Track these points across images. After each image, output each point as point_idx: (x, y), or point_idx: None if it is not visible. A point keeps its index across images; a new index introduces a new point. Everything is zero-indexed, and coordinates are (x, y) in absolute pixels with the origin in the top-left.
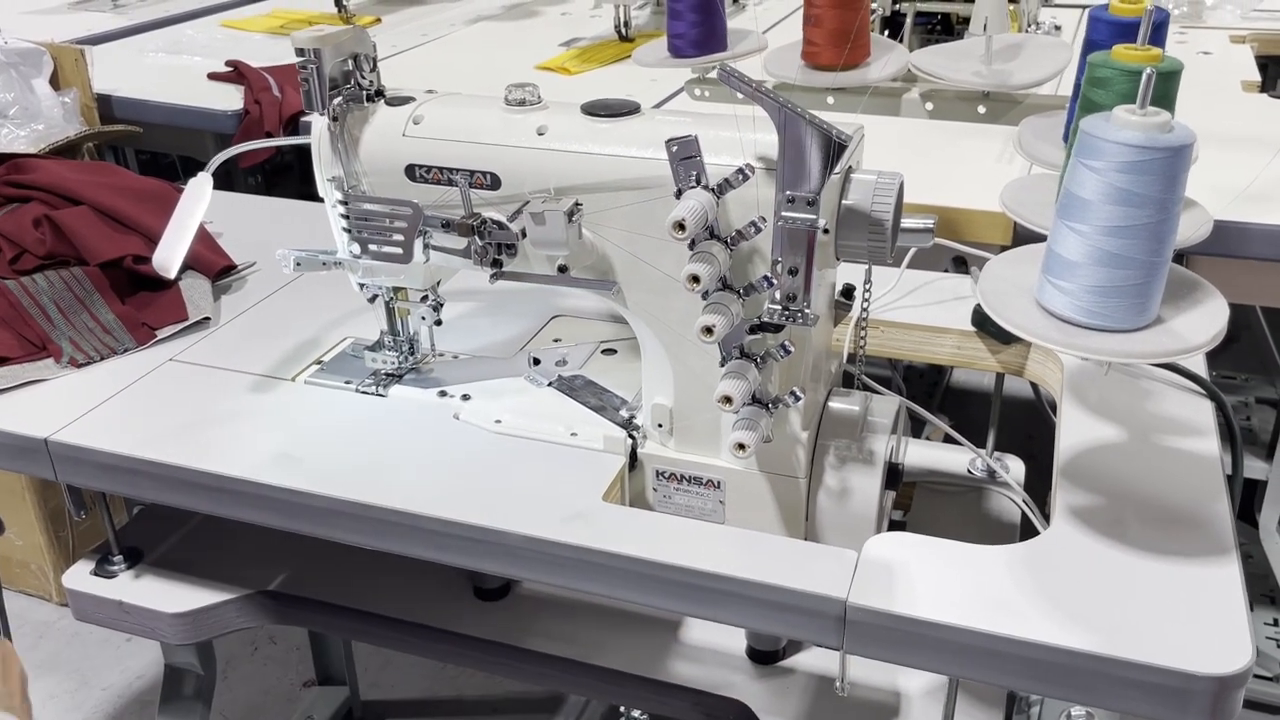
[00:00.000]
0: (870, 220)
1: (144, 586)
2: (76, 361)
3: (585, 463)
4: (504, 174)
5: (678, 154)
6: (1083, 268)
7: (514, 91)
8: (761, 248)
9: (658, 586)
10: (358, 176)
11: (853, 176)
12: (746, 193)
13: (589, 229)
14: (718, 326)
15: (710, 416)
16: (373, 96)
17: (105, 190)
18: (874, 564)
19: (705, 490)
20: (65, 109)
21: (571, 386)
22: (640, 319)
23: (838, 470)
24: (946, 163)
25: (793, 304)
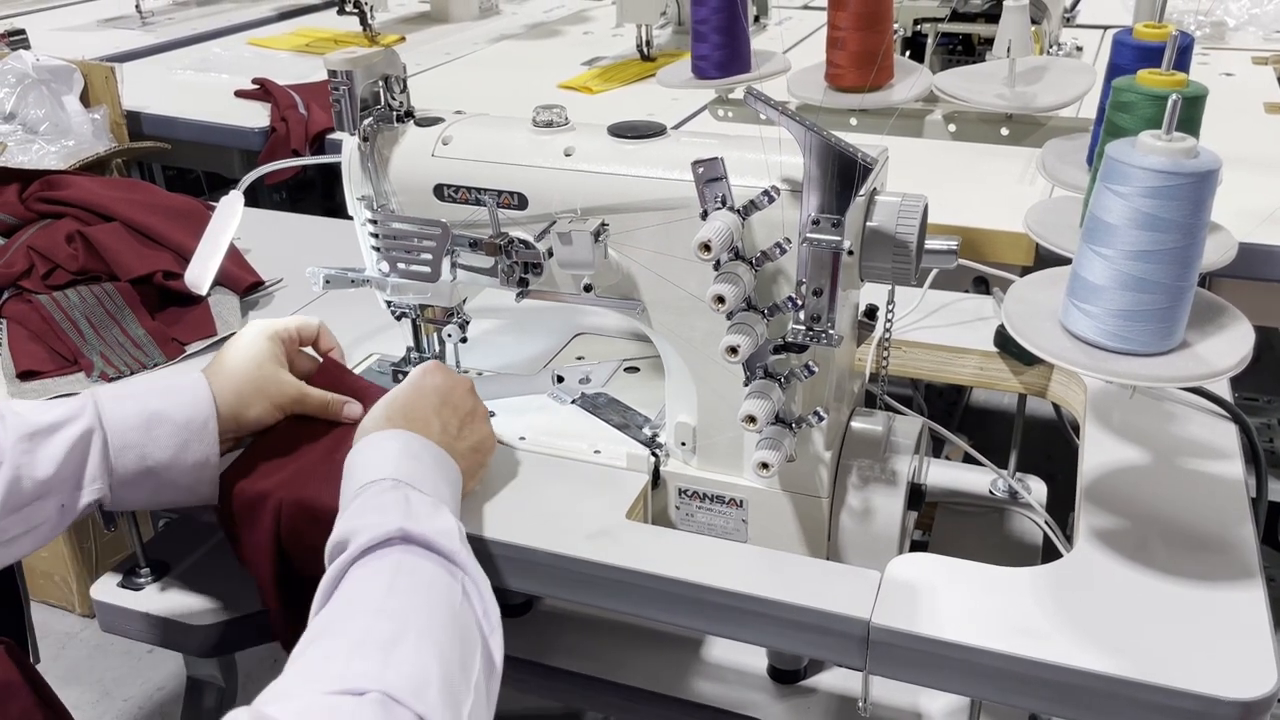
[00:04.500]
0: (895, 242)
1: (170, 599)
2: (107, 375)
3: (608, 480)
4: (531, 194)
5: (703, 175)
6: (1108, 291)
7: (542, 113)
8: (786, 268)
9: (681, 605)
10: (387, 196)
11: (877, 198)
12: (771, 214)
13: (615, 249)
14: (742, 346)
15: (733, 435)
16: (402, 117)
17: (136, 207)
18: (897, 584)
19: (728, 509)
20: (95, 125)
21: (595, 404)
22: (664, 338)
23: (860, 490)
24: (969, 184)
25: (817, 325)
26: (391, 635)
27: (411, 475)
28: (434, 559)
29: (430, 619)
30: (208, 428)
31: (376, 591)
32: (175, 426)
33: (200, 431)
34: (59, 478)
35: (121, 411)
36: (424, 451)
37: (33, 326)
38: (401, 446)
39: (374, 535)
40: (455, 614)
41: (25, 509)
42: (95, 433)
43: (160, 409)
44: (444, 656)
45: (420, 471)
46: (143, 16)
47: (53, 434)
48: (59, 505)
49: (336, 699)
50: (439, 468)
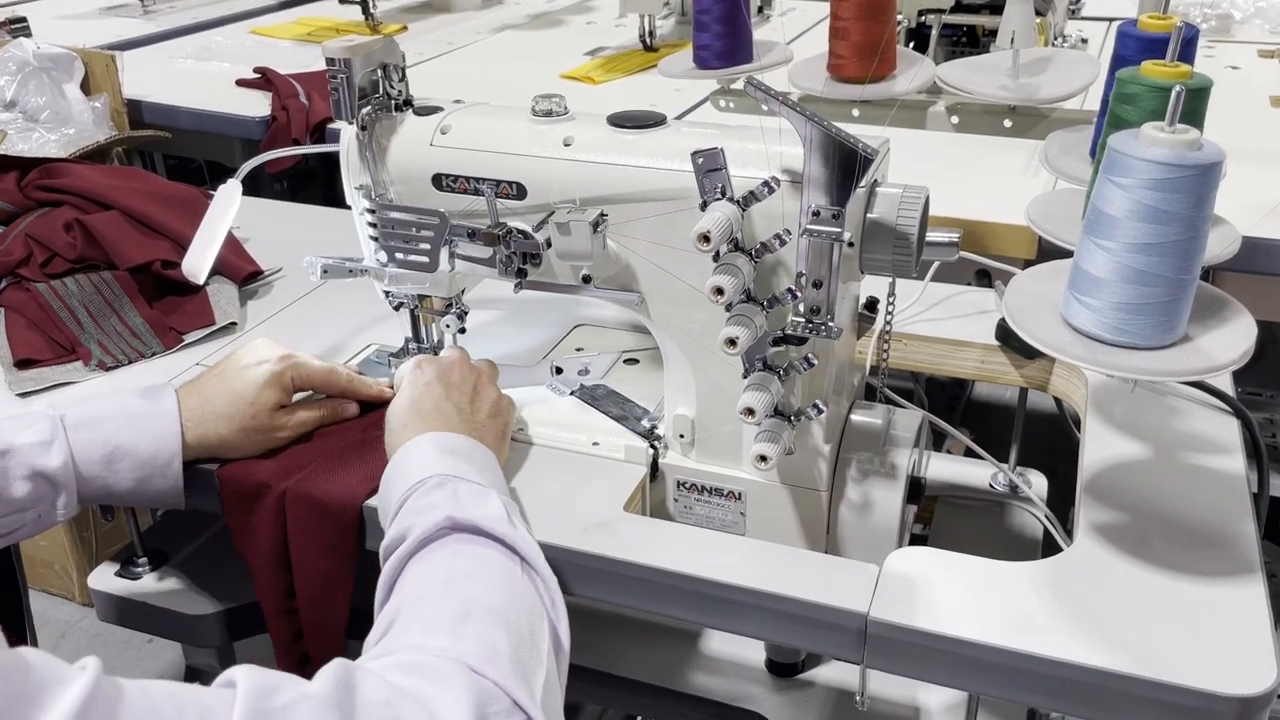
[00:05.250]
0: (895, 234)
1: (167, 588)
2: (105, 365)
3: (607, 472)
4: (530, 184)
5: (703, 166)
6: (1110, 284)
7: (541, 102)
8: (786, 260)
9: (678, 598)
10: (385, 185)
11: (878, 190)
12: (771, 205)
13: (614, 240)
14: (741, 338)
15: (732, 428)
16: (401, 106)
17: (135, 195)
18: (896, 578)
19: (726, 502)
20: (96, 114)
21: (593, 396)
22: (663, 330)
23: (860, 484)
24: (971, 176)
25: (816, 317)
26: (457, 614)
27: (454, 468)
28: (486, 543)
29: (492, 597)
30: (171, 466)
31: (437, 578)
32: (137, 462)
33: (163, 469)
34: (32, 498)
35: (86, 443)
36: (456, 443)
37: (30, 315)
38: (435, 444)
39: (425, 529)
40: (516, 590)
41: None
42: (67, 466)
43: (123, 443)
44: (511, 628)
45: (459, 463)
46: (144, 4)
47: (26, 460)
48: (35, 516)
49: (413, 660)
50: (475, 453)
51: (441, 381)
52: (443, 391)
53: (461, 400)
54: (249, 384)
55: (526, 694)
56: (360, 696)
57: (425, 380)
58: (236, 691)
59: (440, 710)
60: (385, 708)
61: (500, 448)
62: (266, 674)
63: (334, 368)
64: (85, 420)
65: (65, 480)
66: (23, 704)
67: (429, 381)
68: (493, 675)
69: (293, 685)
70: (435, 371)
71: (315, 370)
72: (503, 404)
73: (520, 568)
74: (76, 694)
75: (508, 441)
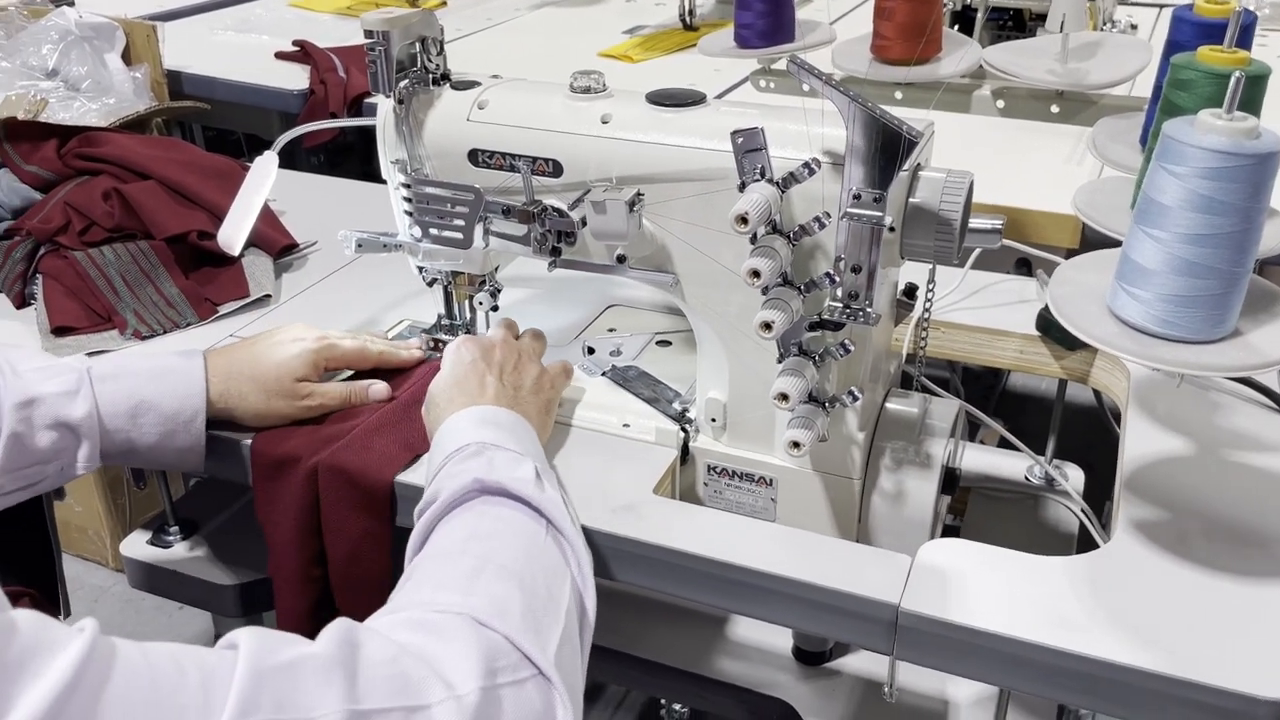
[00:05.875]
0: (938, 219)
1: (198, 557)
2: (140, 334)
3: (636, 455)
4: (566, 161)
5: (743, 146)
6: (1159, 276)
7: (579, 79)
8: (824, 244)
9: (706, 582)
10: (421, 160)
11: (921, 174)
12: (811, 187)
13: (650, 219)
14: (777, 323)
15: (765, 413)
16: (438, 80)
17: (173, 165)
18: (928, 570)
19: (757, 487)
20: (136, 84)
21: (625, 377)
22: (697, 312)
23: (893, 473)
24: (1015, 162)
25: (854, 302)
26: (472, 570)
27: (492, 437)
28: (513, 504)
29: (511, 555)
30: (194, 423)
31: (457, 537)
32: (161, 417)
33: (187, 425)
34: (55, 449)
35: (111, 395)
36: (496, 415)
37: (68, 283)
38: (475, 416)
39: (454, 491)
40: (537, 551)
41: (23, 470)
42: (91, 417)
43: (148, 397)
44: (526, 586)
45: (497, 432)
46: None
47: (51, 409)
48: (58, 468)
49: (420, 616)
50: (514, 425)
51: (485, 359)
52: (485, 369)
53: (504, 377)
54: (279, 352)
55: (537, 648)
56: (364, 655)
57: (469, 358)
58: (239, 652)
59: (445, 666)
60: (389, 665)
61: (543, 422)
62: (270, 634)
63: (364, 345)
64: (112, 373)
65: (89, 431)
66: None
67: (473, 359)
68: (501, 629)
69: (296, 644)
70: (479, 350)
71: (348, 350)
72: (545, 380)
73: (545, 530)
74: (71, 658)
75: (552, 417)
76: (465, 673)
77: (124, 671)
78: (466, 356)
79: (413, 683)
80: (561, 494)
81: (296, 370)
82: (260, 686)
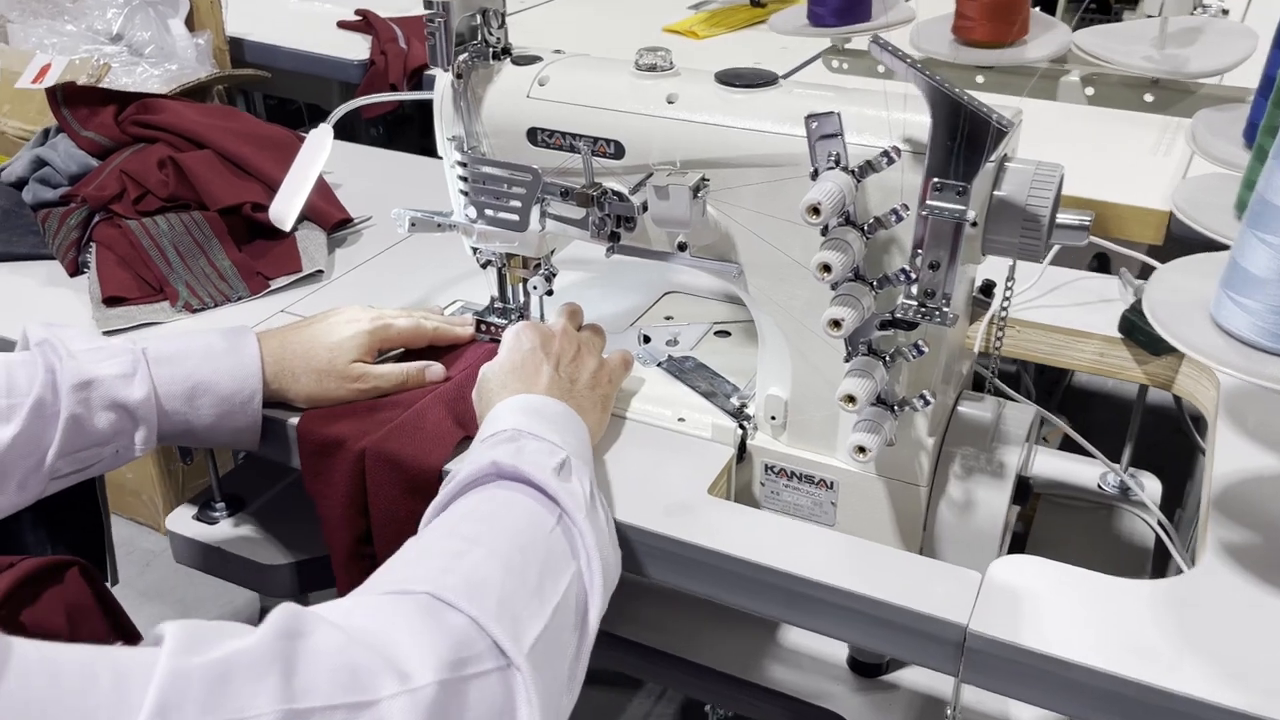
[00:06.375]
0: (1025, 215)
1: (243, 535)
2: (191, 306)
3: (691, 451)
4: (629, 143)
5: (817, 131)
6: (1273, 285)
7: (645, 56)
8: (901, 237)
9: (761, 590)
10: (478, 137)
11: (1008, 165)
12: (889, 177)
13: (714, 206)
14: (847, 320)
15: (828, 413)
16: (499, 54)
17: (229, 135)
18: (999, 588)
19: (817, 490)
20: (199, 50)
21: (681, 369)
22: (760, 305)
23: (963, 481)
24: (1098, 152)
25: (930, 301)
26: (456, 550)
27: (530, 425)
28: (527, 491)
29: (506, 538)
30: (251, 404)
31: (456, 516)
32: (218, 398)
33: (244, 406)
34: (113, 431)
35: (169, 378)
36: (544, 405)
37: (121, 252)
38: (522, 405)
39: (470, 472)
40: (539, 540)
41: (80, 453)
42: (149, 400)
43: (205, 379)
44: (512, 571)
45: (539, 422)
46: None
47: (109, 391)
48: (114, 451)
49: (381, 598)
50: (561, 418)
51: (544, 348)
52: (543, 358)
53: (560, 368)
54: (333, 334)
55: (510, 637)
56: (306, 646)
57: (527, 345)
58: (161, 649)
59: (400, 654)
60: (335, 655)
61: (599, 419)
62: (201, 627)
63: (418, 323)
64: (167, 356)
65: (146, 414)
66: None
67: (531, 347)
68: (470, 610)
69: (229, 637)
70: (538, 337)
71: (403, 329)
72: (603, 374)
73: (557, 520)
74: None
75: (608, 412)
76: (421, 662)
77: (18, 672)
78: (525, 344)
79: (361, 675)
80: (592, 489)
81: (350, 353)
82: (184, 685)
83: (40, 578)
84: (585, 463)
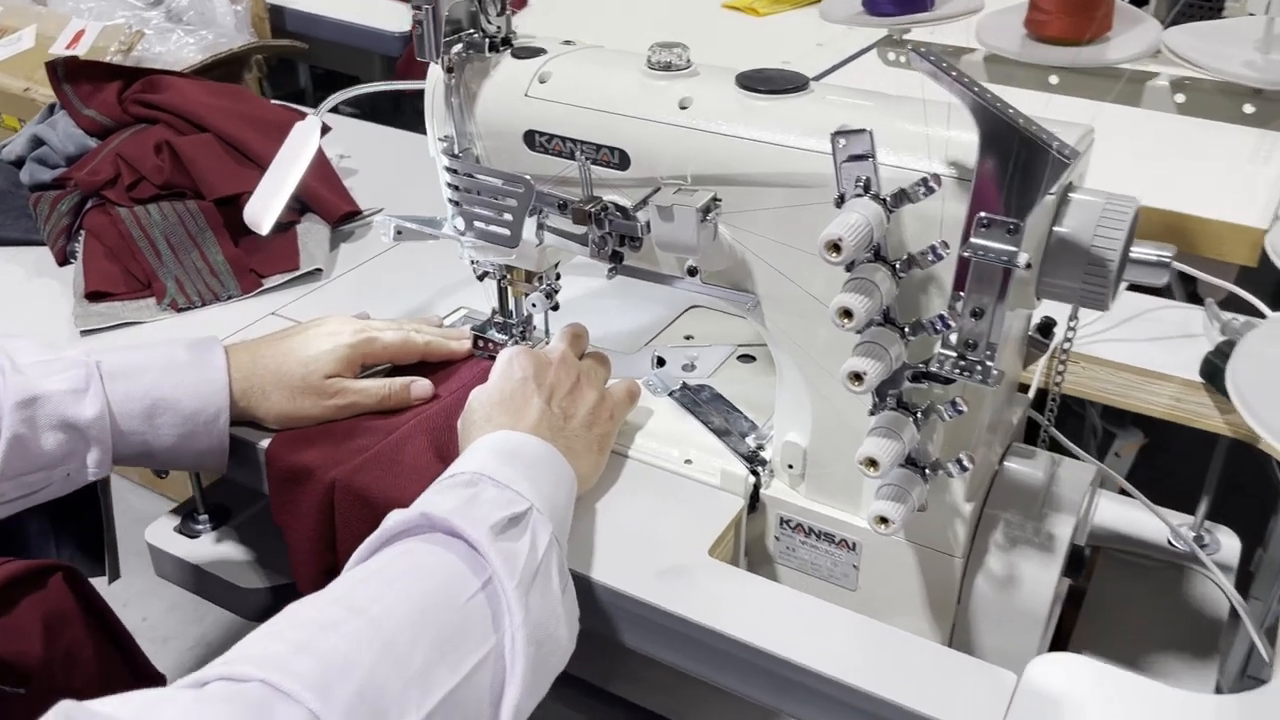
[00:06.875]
0: (1089, 257)
1: (225, 552)
2: (177, 305)
3: (696, 500)
4: (634, 152)
5: (845, 150)
6: None
7: (659, 52)
8: (939, 276)
9: (762, 679)
10: (471, 139)
11: (1072, 196)
12: (929, 206)
13: (727, 228)
14: (870, 374)
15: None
16: (497, 45)
17: (233, 118)
18: (1038, 695)
19: (837, 550)
20: (237, 18)
21: (696, 399)
22: (779, 342)
23: (1005, 552)
24: (1183, 159)
25: (971, 353)
26: (333, 620)
27: (497, 470)
28: (456, 547)
29: (402, 609)
30: (217, 423)
31: (358, 577)
32: (179, 417)
33: (208, 426)
34: (62, 453)
35: (125, 394)
36: (524, 446)
37: (110, 242)
38: (498, 444)
39: (398, 521)
40: (449, 607)
41: (25, 476)
42: (102, 418)
43: (165, 395)
44: (392, 650)
45: (509, 466)
46: None
47: (57, 409)
48: (65, 474)
49: (195, 693)
50: (541, 462)
51: (536, 379)
52: (534, 390)
53: (554, 401)
54: (309, 347)
55: None
56: None
57: (519, 375)
58: None
59: None
60: None
61: (594, 462)
62: None
63: (408, 336)
64: (124, 369)
65: (99, 434)
66: None
67: (523, 378)
68: (313, 704)
69: None
70: (532, 367)
71: (389, 343)
72: (603, 410)
73: (481, 586)
74: None
75: (605, 454)
76: None
77: None
78: (517, 372)
79: None
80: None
81: (327, 367)
82: None
83: (21, 583)
84: (554, 517)
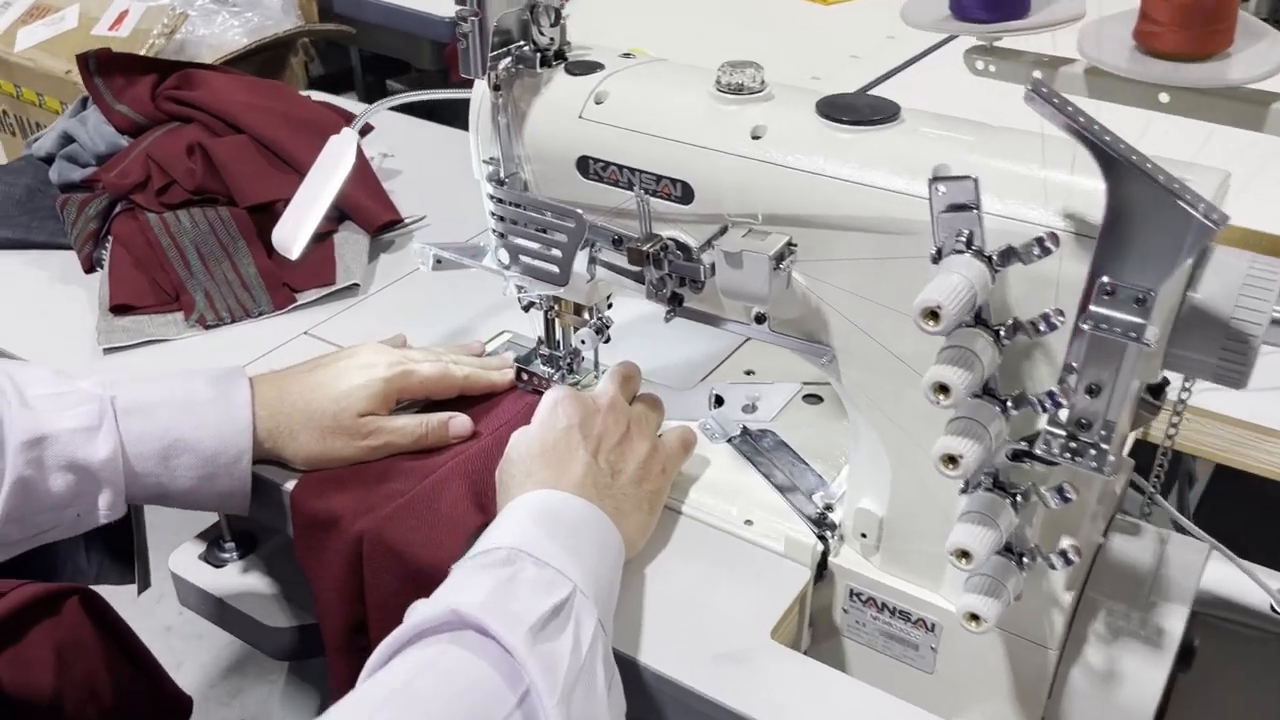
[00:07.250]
0: (1228, 331)
1: (249, 584)
2: (205, 321)
3: (757, 569)
4: (699, 186)
5: (945, 198)
6: None
7: (729, 72)
8: (1048, 343)
9: None
10: (519, 162)
11: (1210, 258)
12: (1043, 266)
13: (802, 274)
14: (967, 457)
15: (935, 544)
16: (550, 60)
17: (270, 118)
18: None
19: (914, 630)
20: (284, 1)
21: (757, 447)
22: (856, 402)
23: (1108, 645)
24: None
25: (1084, 434)
26: None
27: (535, 543)
28: (487, 652)
29: None
30: (239, 465)
31: (383, 690)
32: (199, 459)
33: (229, 468)
34: (71, 495)
35: (140, 433)
36: (566, 508)
37: (137, 251)
38: (538, 506)
39: (425, 616)
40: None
41: (31, 519)
42: (115, 459)
43: (184, 435)
44: None
45: (551, 536)
46: None
47: (66, 449)
48: (74, 515)
49: None
50: (585, 525)
51: (582, 428)
52: (580, 441)
53: (600, 454)
54: (341, 383)
55: None
56: None
57: (563, 424)
58: None
59: None
60: None
61: (643, 522)
62: None
63: (446, 368)
64: (140, 405)
65: (111, 476)
66: None
67: (568, 426)
68: None
69: None
70: (577, 415)
71: (427, 376)
72: (655, 463)
73: (517, 703)
74: None
75: (655, 514)
76: None
77: None
78: (561, 420)
79: None
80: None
81: (360, 404)
82: None
83: (32, 610)
84: (599, 599)
